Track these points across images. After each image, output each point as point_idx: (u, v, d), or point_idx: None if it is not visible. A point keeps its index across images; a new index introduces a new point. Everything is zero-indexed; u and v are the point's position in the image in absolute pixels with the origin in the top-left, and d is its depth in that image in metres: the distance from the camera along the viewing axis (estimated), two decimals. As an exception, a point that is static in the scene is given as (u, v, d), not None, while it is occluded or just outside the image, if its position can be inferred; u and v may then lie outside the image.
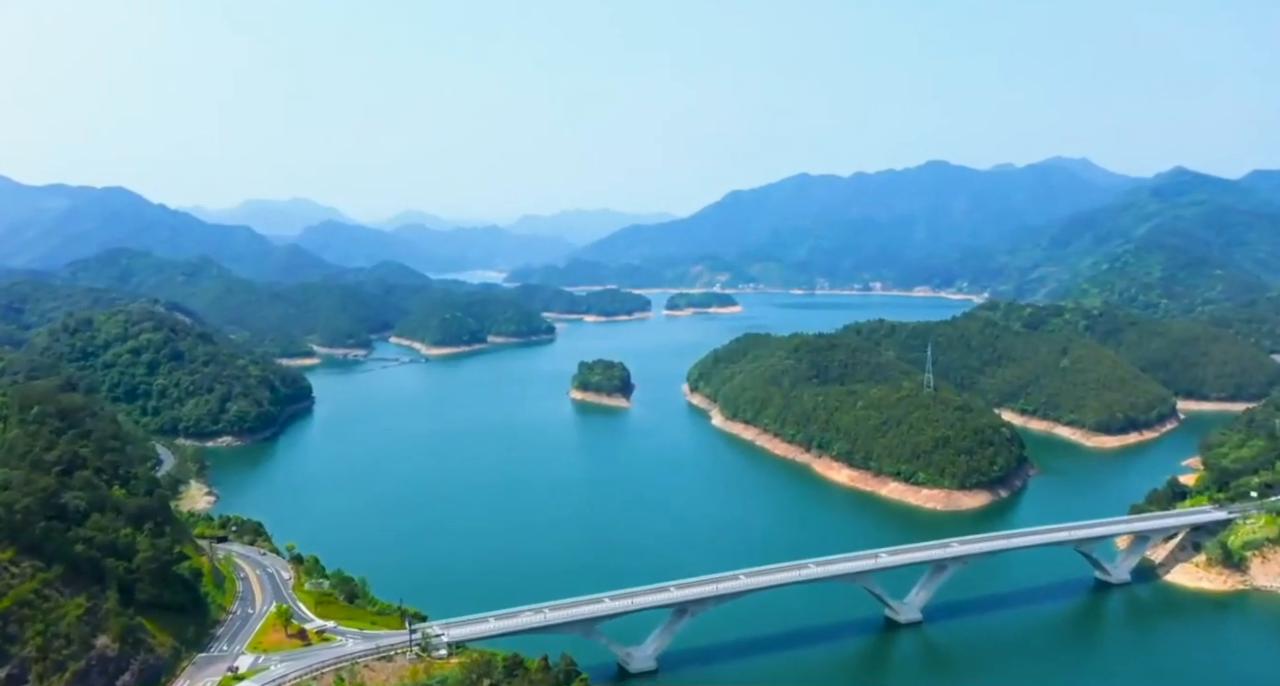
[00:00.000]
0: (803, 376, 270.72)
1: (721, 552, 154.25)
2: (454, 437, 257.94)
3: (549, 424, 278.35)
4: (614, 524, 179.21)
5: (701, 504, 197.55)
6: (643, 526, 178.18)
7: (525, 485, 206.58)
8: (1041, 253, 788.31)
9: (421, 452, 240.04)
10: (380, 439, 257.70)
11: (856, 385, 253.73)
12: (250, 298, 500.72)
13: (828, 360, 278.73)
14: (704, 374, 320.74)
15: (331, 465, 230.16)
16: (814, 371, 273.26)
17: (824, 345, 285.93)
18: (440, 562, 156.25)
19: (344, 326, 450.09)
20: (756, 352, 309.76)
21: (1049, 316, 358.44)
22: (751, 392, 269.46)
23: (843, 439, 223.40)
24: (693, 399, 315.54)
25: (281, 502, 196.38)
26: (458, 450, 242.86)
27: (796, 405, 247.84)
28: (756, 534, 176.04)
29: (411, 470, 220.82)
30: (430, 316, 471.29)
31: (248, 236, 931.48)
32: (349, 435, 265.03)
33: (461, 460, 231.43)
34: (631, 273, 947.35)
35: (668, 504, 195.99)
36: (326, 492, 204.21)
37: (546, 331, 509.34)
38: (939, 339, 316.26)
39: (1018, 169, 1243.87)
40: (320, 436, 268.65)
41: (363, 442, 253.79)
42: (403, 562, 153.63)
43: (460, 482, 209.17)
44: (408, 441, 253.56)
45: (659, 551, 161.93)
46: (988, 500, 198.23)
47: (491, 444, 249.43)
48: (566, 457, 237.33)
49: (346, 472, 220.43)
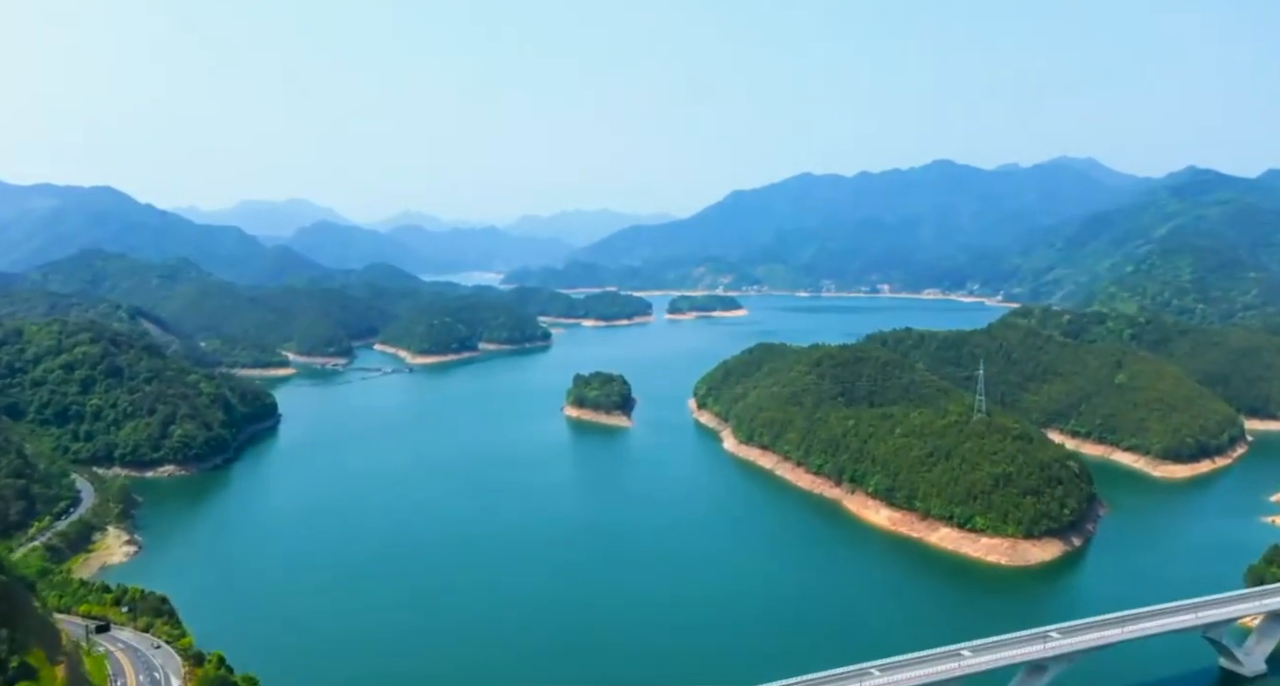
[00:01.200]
0: (827, 395, 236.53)
1: (742, 634, 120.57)
2: (431, 468, 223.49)
3: (541, 449, 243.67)
4: (618, 594, 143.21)
5: (719, 558, 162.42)
6: (654, 595, 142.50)
7: (513, 537, 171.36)
8: (1056, 254, 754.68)
9: (391, 489, 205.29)
10: (346, 469, 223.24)
11: (891, 407, 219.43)
12: (227, 302, 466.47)
13: (854, 375, 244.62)
14: (713, 389, 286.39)
15: (284, 504, 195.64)
16: (839, 389, 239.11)
17: (849, 358, 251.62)
18: (399, 652, 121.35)
19: (324, 333, 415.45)
20: (772, 365, 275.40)
21: (1090, 324, 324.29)
22: (769, 413, 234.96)
23: (880, 472, 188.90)
24: (700, 417, 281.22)
25: (213, 556, 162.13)
26: (434, 486, 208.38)
27: (822, 430, 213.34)
28: (785, 601, 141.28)
29: (377, 515, 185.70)
30: (417, 322, 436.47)
31: (237, 237, 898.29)
32: (312, 463, 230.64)
33: (437, 501, 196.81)
34: (632, 274, 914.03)
35: (679, 558, 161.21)
36: (271, 543, 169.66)
37: (542, 338, 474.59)
38: (974, 350, 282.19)
39: (1024, 169, 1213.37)
40: (280, 464, 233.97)
41: (326, 473, 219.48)
42: (347, 656, 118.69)
43: (433, 534, 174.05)
44: (377, 473, 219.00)
45: (673, 627, 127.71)
46: (1059, 551, 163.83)
47: (474, 478, 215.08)
48: (561, 496, 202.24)
49: (299, 515, 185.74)
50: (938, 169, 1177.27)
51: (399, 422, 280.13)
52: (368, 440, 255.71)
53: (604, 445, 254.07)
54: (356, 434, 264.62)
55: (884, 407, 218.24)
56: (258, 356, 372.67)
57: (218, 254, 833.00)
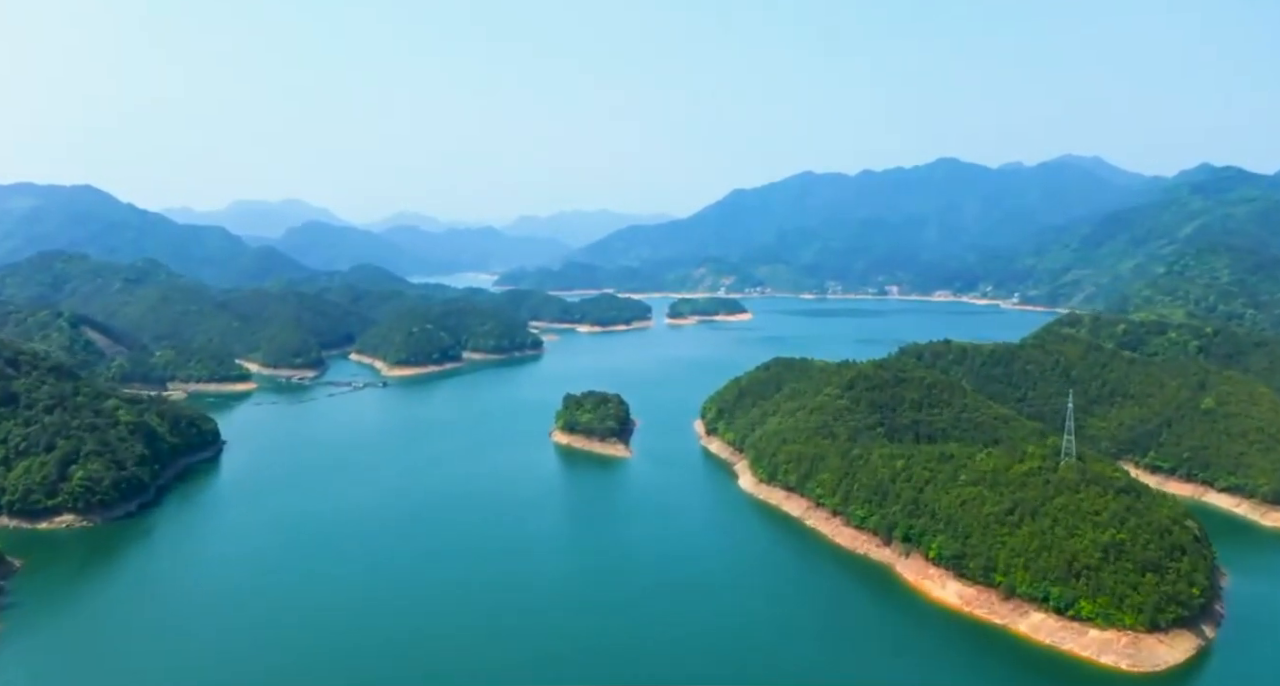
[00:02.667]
0: (864, 423, 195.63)
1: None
2: (391, 517, 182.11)
3: (523, 489, 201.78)
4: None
5: (746, 648, 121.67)
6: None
7: (483, 623, 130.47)
8: (1072, 254, 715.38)
9: (340, 547, 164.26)
10: (290, 516, 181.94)
11: (947, 443, 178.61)
12: (192, 307, 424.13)
13: (895, 400, 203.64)
14: (724, 411, 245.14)
15: (203, 570, 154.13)
16: (879, 416, 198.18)
17: (887, 379, 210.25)
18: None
19: (292, 342, 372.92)
20: (794, 385, 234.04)
21: (1148, 334, 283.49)
22: (795, 447, 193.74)
23: (944, 532, 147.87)
24: (710, 444, 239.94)
25: (97, 651, 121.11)
26: (393, 544, 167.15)
27: (863, 471, 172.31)
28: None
29: (320, 590, 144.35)
30: (395, 330, 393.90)
31: (221, 237, 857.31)
32: (251, 508, 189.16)
33: (396, 568, 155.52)
34: (630, 276, 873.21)
35: (693, 646, 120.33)
36: (172, 635, 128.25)
37: (532, 346, 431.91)
38: (1027, 367, 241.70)
39: (1029, 167, 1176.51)
40: (210, 510, 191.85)
41: (264, 524, 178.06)
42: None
43: (385, 620, 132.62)
44: (327, 523, 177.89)
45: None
46: (1194, 647, 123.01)
47: (441, 531, 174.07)
48: (545, 557, 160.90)
49: (218, 589, 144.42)
50: (942, 167, 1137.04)
51: (361, 451, 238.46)
52: (322, 475, 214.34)
53: (598, 484, 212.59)
54: (310, 466, 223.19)
55: (939, 444, 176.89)
56: (214, 369, 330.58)
57: (199, 255, 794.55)
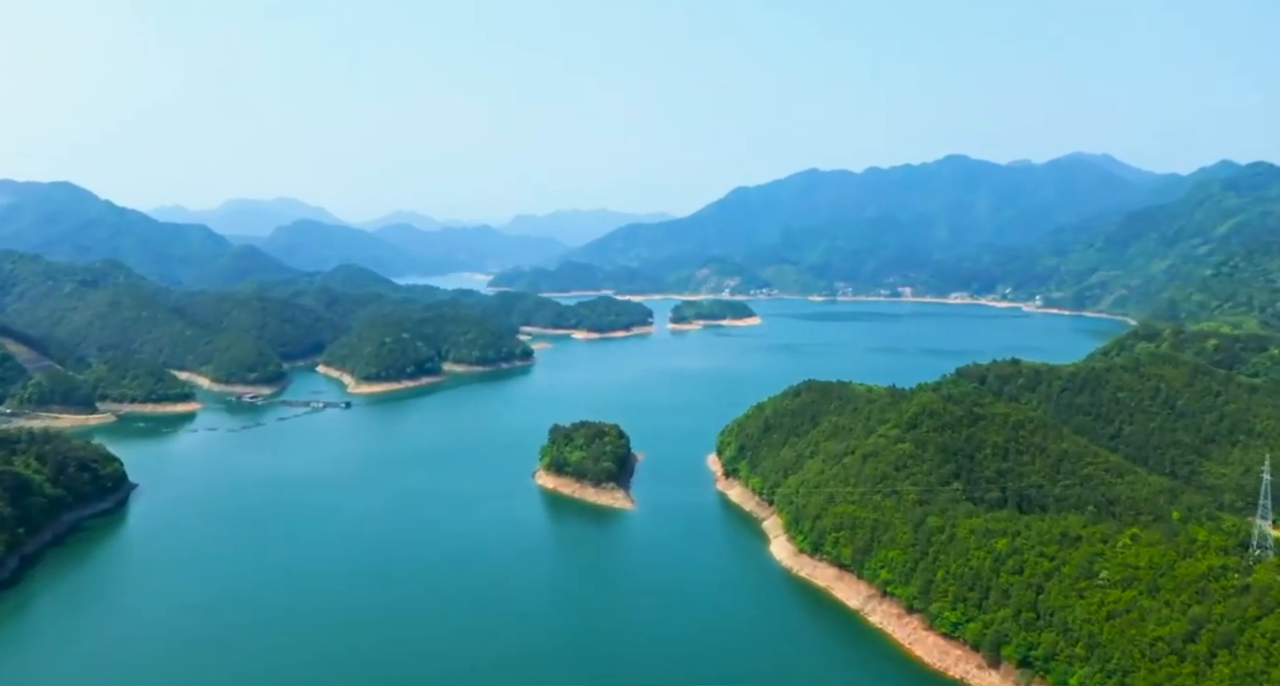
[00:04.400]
0: (936, 476, 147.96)
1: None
2: (326, 605, 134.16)
3: (493, 558, 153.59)
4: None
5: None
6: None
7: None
8: (1096, 254, 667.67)
9: (263, 638, 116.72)
10: (199, 599, 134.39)
11: (1064, 512, 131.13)
12: (143, 313, 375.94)
13: (972, 444, 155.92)
14: (746, 446, 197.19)
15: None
16: (953, 467, 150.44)
17: (960, 416, 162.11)
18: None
19: (247, 354, 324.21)
20: (835, 418, 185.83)
21: (1244, 351, 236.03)
22: (847, 507, 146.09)
23: (1087, 661, 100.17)
24: (729, 490, 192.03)
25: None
26: (321, 635, 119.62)
27: (949, 550, 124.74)
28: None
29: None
30: (366, 339, 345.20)
31: (203, 236, 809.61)
32: (146, 585, 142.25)
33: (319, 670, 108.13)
34: (629, 276, 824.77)
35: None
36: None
37: (521, 356, 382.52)
38: (1118, 393, 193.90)
39: (1039, 165, 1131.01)
40: (90, 591, 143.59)
41: (159, 612, 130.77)
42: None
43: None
44: (244, 610, 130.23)
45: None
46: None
47: (382, 618, 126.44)
48: (511, 664, 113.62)
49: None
50: (951, 164, 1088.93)
51: (299, 498, 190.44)
52: (248, 533, 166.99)
53: (589, 550, 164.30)
54: (235, 519, 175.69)
55: (1054, 518, 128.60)
56: (152, 387, 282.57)
57: (178, 254, 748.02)
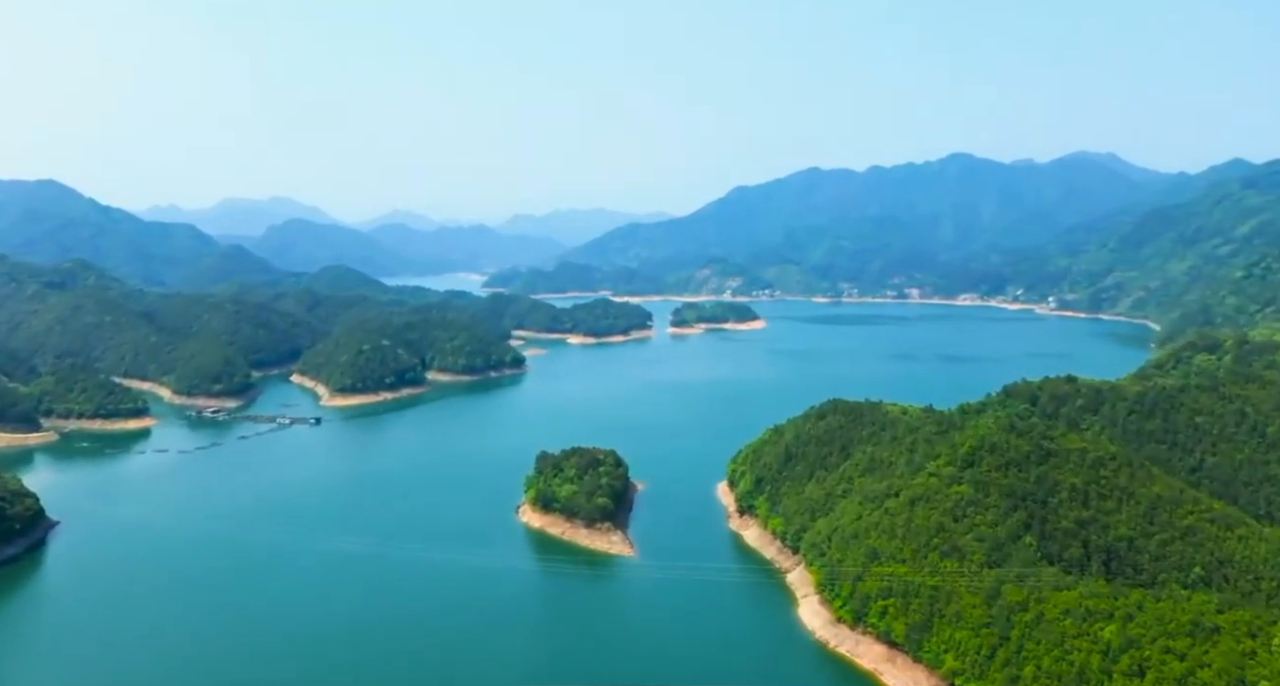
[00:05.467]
0: (1004, 527, 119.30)
1: None
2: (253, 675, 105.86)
3: (461, 625, 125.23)
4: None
5: None
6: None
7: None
8: (1110, 255, 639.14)
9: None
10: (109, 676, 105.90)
11: (1160, 574, 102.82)
12: (106, 318, 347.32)
13: (1043, 485, 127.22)
14: (763, 479, 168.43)
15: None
16: (1023, 515, 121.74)
17: (1027, 452, 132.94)
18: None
19: (213, 363, 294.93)
20: (867, 446, 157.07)
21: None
22: (896, 568, 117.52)
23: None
24: (745, 531, 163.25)
25: None
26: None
27: (1038, 639, 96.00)
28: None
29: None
30: (343, 347, 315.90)
31: (190, 236, 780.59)
32: (49, 663, 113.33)
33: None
34: (628, 277, 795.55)
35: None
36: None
37: (512, 364, 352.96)
38: (1195, 418, 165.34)
39: (1044, 164, 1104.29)
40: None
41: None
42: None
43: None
44: None
45: None
46: None
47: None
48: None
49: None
50: (955, 162, 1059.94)
51: (245, 536, 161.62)
52: (175, 589, 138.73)
53: (581, 611, 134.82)
54: (163, 569, 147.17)
55: (1176, 597, 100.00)
56: (102, 402, 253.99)
57: (162, 254, 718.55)
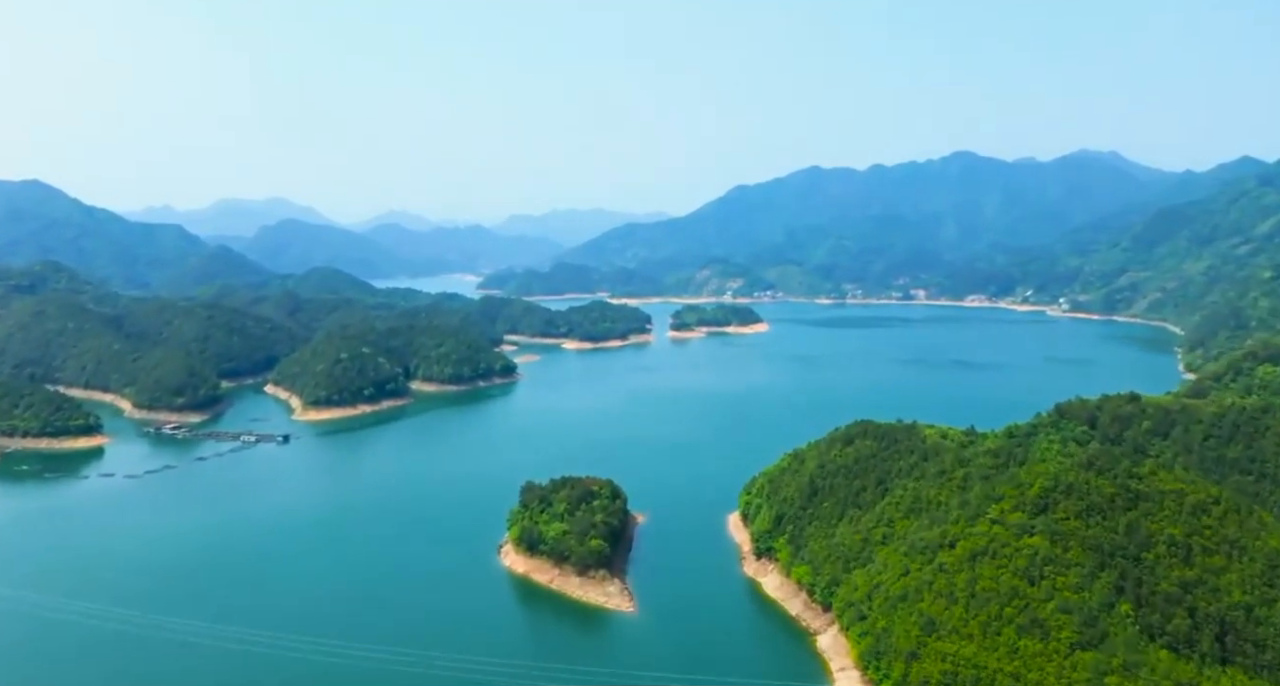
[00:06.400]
0: (1092, 592, 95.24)
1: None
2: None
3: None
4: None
5: None
6: None
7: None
8: (1122, 254, 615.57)
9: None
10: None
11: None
12: (72, 324, 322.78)
13: (1134, 539, 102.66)
14: (784, 516, 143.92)
15: None
16: (1113, 575, 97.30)
17: (1108, 494, 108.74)
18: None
19: (176, 374, 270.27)
20: (908, 482, 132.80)
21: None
22: (958, 645, 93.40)
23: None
24: (764, 578, 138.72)
25: None
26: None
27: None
28: None
29: None
30: (320, 355, 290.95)
31: (177, 237, 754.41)
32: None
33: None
34: (626, 278, 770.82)
35: None
36: None
37: (502, 372, 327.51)
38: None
39: (1046, 162, 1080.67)
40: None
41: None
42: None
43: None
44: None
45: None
46: None
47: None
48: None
49: None
50: (958, 161, 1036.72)
51: (179, 587, 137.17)
52: (78, 663, 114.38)
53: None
54: (68, 636, 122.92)
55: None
56: (48, 419, 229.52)
57: (147, 256, 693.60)
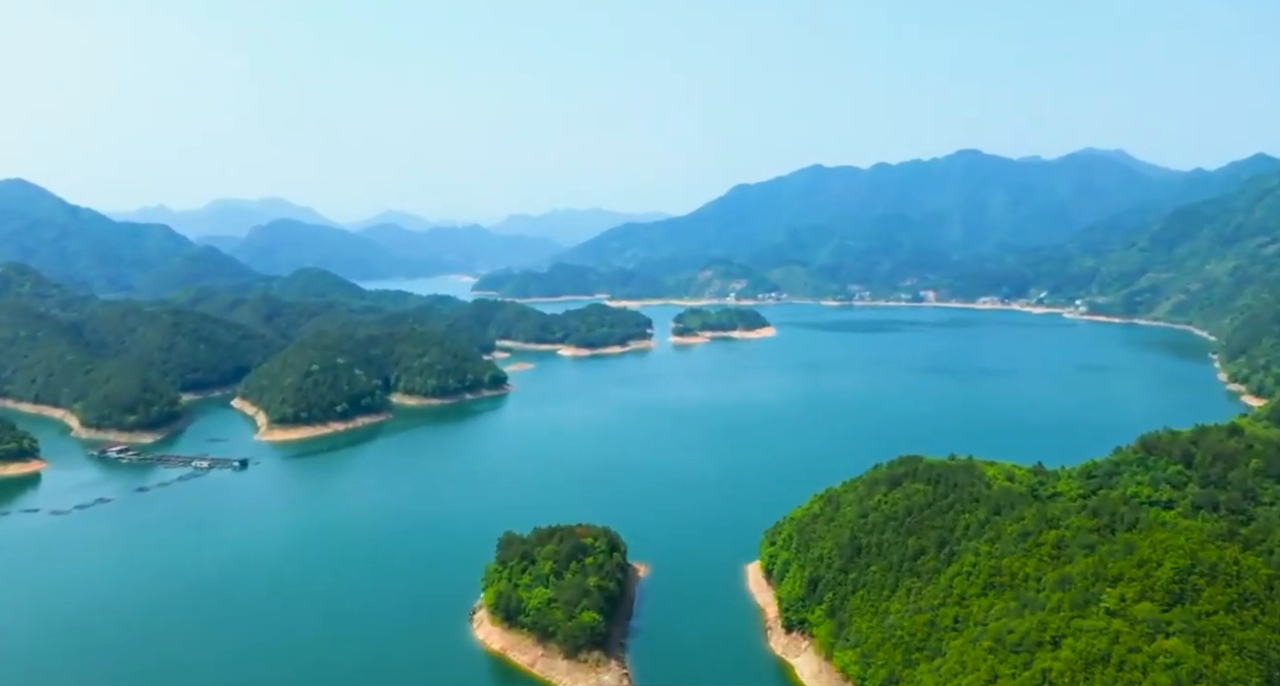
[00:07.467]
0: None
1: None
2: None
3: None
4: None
5: None
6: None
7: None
8: (1140, 255, 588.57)
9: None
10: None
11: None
12: (25, 331, 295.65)
13: None
14: (820, 580, 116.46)
15: None
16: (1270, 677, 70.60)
17: (1264, 575, 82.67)
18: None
19: (129, 389, 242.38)
20: (981, 545, 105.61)
21: None
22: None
23: None
24: (798, 660, 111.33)
25: None
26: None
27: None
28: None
29: None
30: (290, 367, 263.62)
31: (163, 237, 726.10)
32: None
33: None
34: (625, 279, 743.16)
35: None
36: None
37: (492, 384, 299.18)
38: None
39: (1052, 161, 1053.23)
40: None
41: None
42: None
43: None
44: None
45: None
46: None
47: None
48: None
49: None
50: (963, 160, 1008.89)
51: (68, 672, 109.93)
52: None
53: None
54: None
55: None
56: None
57: (130, 256, 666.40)
